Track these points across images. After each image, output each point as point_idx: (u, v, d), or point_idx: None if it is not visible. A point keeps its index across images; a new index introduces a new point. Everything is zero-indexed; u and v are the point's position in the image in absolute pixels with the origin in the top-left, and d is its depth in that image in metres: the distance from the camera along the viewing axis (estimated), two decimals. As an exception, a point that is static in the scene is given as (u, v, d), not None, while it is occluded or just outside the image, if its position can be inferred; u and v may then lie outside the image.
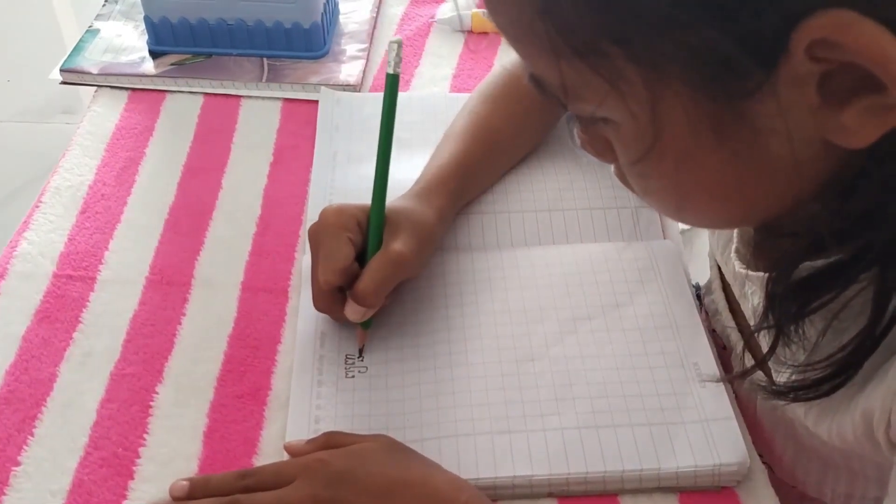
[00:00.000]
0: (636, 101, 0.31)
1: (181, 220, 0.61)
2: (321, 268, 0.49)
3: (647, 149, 0.32)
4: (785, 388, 0.39)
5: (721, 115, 0.30)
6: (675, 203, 0.36)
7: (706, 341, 0.52)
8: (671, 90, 0.30)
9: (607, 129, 0.35)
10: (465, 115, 0.61)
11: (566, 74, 0.31)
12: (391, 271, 0.50)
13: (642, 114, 0.31)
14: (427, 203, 0.55)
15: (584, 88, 0.32)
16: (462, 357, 0.51)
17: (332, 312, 0.52)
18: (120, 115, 0.69)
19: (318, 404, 0.49)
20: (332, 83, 0.71)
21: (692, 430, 0.47)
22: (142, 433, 0.49)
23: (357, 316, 0.50)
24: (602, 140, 0.36)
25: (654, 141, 0.32)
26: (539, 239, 0.59)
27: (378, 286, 0.49)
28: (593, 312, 0.54)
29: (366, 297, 0.49)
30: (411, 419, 0.48)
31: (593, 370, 0.50)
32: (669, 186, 0.35)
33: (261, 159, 0.66)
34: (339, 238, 0.49)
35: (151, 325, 0.54)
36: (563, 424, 0.48)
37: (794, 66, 0.28)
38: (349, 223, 0.50)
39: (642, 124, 0.32)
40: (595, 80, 0.31)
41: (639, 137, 0.33)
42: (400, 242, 0.50)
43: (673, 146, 0.32)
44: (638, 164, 0.34)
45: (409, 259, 0.50)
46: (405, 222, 0.52)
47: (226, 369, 0.52)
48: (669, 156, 0.33)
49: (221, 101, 0.71)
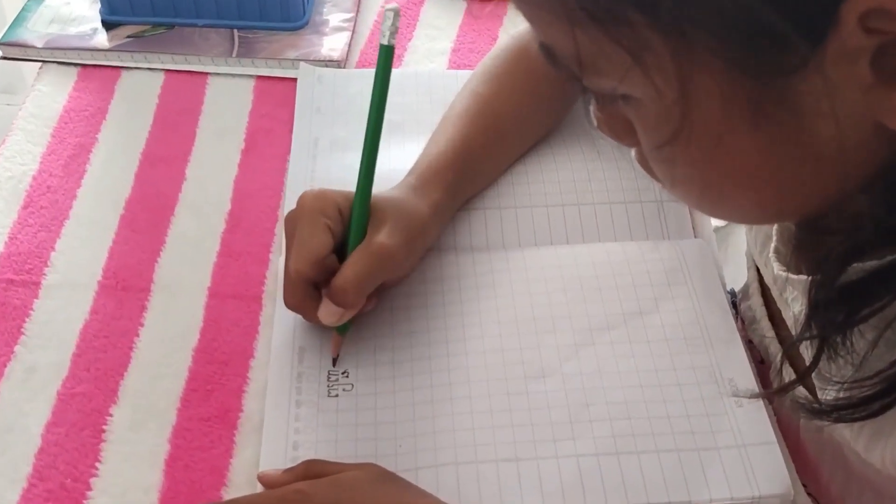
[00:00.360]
0: (662, 77, 0.31)
1: (139, 215, 0.60)
2: (294, 256, 0.49)
3: (673, 131, 0.32)
4: (828, 407, 0.38)
5: (759, 94, 0.30)
6: (705, 194, 0.36)
7: (743, 354, 0.51)
8: (702, 64, 0.30)
9: (628, 108, 0.34)
10: (465, 96, 0.60)
11: (582, 44, 0.31)
12: (373, 267, 0.49)
13: (669, 91, 0.31)
14: (421, 196, 0.54)
15: (602, 61, 0.31)
16: (462, 374, 0.50)
17: (305, 311, 0.51)
18: (68, 94, 0.68)
19: (296, 428, 0.49)
20: (313, 58, 0.70)
21: (728, 456, 0.47)
22: (93, 461, 0.48)
23: (332, 318, 0.49)
24: (622, 120, 0.36)
25: (682, 122, 0.32)
26: (551, 238, 0.58)
27: (357, 282, 0.49)
28: (613, 322, 0.53)
29: (343, 294, 0.48)
30: (404, 445, 0.48)
31: (613, 388, 0.50)
32: (697, 175, 0.35)
33: (230, 146, 0.65)
34: (316, 224, 0.49)
35: (104, 336, 0.53)
36: (578, 451, 0.47)
37: (845, 38, 0.28)
38: (329, 209, 0.50)
39: (668, 103, 0.31)
40: (615, 52, 0.30)
41: (664, 118, 0.32)
42: (385, 235, 0.50)
43: (703, 129, 0.32)
44: (663, 148, 0.34)
45: (395, 254, 0.50)
46: (393, 213, 0.51)
47: (190, 388, 0.51)
48: (699, 140, 0.32)
49: (185, 80, 0.70)
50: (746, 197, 0.35)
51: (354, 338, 0.52)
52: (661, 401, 0.49)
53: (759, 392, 0.49)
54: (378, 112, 0.50)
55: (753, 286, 0.54)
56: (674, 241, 0.57)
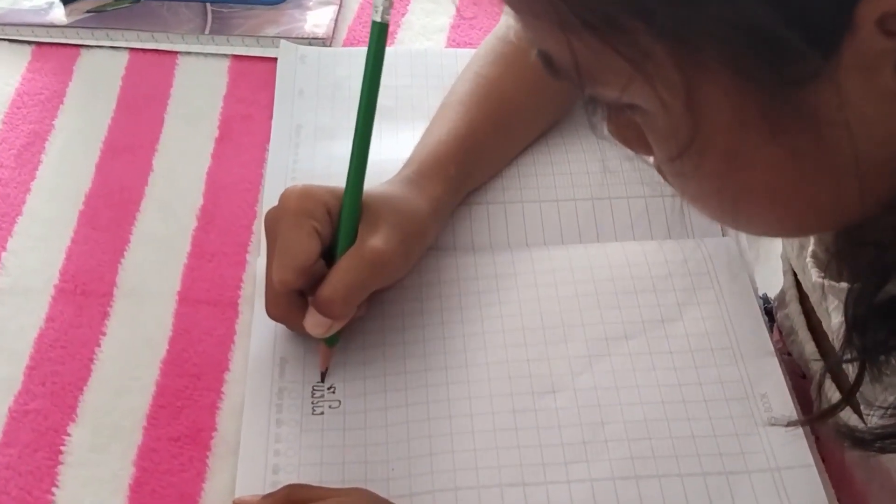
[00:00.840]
0: (667, 87, 0.32)
1: (100, 211, 0.61)
2: (277, 264, 0.50)
3: (684, 144, 0.33)
4: (871, 435, 0.39)
5: (773, 105, 0.31)
6: (722, 207, 0.37)
7: (777, 367, 0.52)
8: (709, 74, 0.31)
9: (637, 117, 0.35)
10: (468, 79, 0.61)
11: (580, 53, 0.32)
12: (365, 274, 0.50)
13: (676, 102, 0.32)
14: (418, 190, 0.55)
15: (602, 70, 0.33)
16: (463, 389, 0.51)
17: (290, 322, 0.52)
18: (21, 76, 0.69)
19: (276, 449, 0.49)
20: (295, 35, 0.71)
21: (759, 480, 0.47)
22: (49, 486, 0.49)
23: (320, 329, 0.50)
24: (633, 128, 0.37)
25: (692, 135, 0.33)
26: (561, 236, 0.59)
27: (347, 292, 0.50)
28: (632, 330, 0.54)
29: (331, 305, 0.49)
30: (397, 468, 0.49)
31: (632, 405, 0.50)
32: (713, 188, 0.36)
33: (203, 134, 0.66)
34: (302, 228, 0.49)
35: (62, 346, 0.54)
36: (593, 475, 0.48)
37: (862, 44, 0.29)
38: (316, 210, 0.50)
39: (677, 115, 0.32)
40: (615, 61, 0.31)
41: (673, 130, 0.33)
42: (379, 237, 0.50)
43: (716, 141, 0.33)
44: (675, 161, 0.35)
45: (390, 259, 0.51)
46: (387, 213, 0.52)
47: (157, 404, 0.52)
48: (712, 153, 0.34)
49: (152, 59, 0.71)
50: (765, 211, 0.36)
51: (342, 348, 0.53)
52: (686, 419, 0.50)
53: (798, 419, 0.49)
54: (370, 97, 0.51)
55: (791, 293, 0.54)
56: (699, 239, 0.58)
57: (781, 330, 0.56)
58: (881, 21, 0.28)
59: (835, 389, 0.49)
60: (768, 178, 0.34)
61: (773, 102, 0.31)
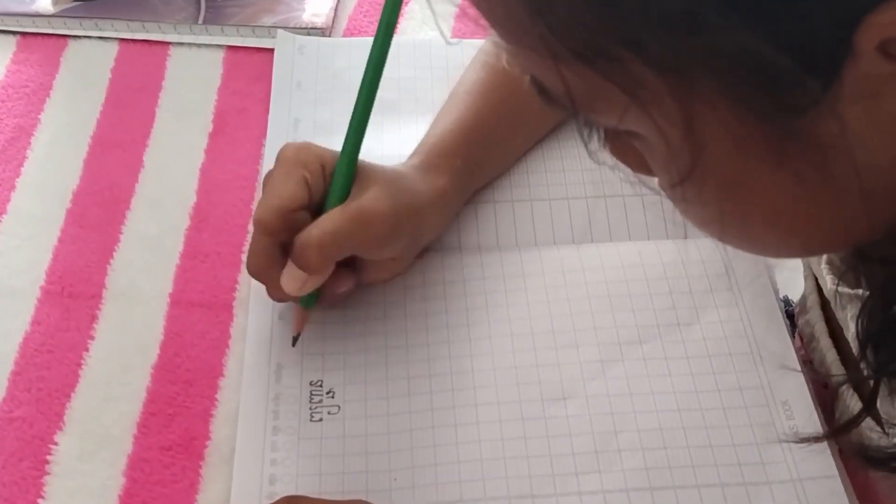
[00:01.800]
0: (664, 116, 0.32)
1: (88, 210, 0.61)
2: (260, 204, 0.50)
3: (685, 171, 0.34)
4: (884, 455, 0.39)
5: (775, 132, 0.31)
6: (727, 232, 0.38)
7: (799, 372, 0.52)
8: (706, 103, 0.31)
9: (636, 143, 0.36)
10: (477, 69, 0.61)
11: (572, 83, 0.32)
12: (346, 227, 0.50)
13: (673, 130, 0.32)
14: (424, 179, 0.55)
15: (596, 99, 0.33)
16: (469, 395, 0.51)
17: (267, 278, 0.52)
18: (5, 68, 0.69)
19: (273, 458, 0.49)
20: (293, 25, 0.71)
21: (780, 492, 0.47)
22: (35, 497, 0.48)
23: (294, 283, 0.50)
24: (633, 151, 0.38)
25: (693, 162, 0.33)
26: (572, 236, 0.59)
27: (324, 241, 0.49)
28: (646, 335, 0.54)
29: (307, 251, 0.49)
30: (400, 479, 0.48)
31: (646, 413, 0.50)
32: (716, 214, 0.36)
33: (196, 128, 0.66)
34: (291, 175, 0.50)
35: (48, 351, 0.54)
36: (605, 486, 0.48)
37: (865, 70, 0.29)
38: (311, 162, 0.51)
39: (676, 142, 0.33)
40: (610, 90, 0.32)
41: (673, 158, 0.34)
42: (367, 196, 0.51)
43: (717, 169, 0.33)
44: (676, 187, 0.35)
45: (374, 219, 0.50)
46: (381, 179, 0.52)
47: (148, 411, 0.52)
48: (714, 180, 0.34)
49: (142, 50, 0.70)
50: (770, 234, 0.37)
51: (341, 350, 0.53)
52: (703, 427, 0.50)
53: (816, 434, 0.49)
54: (376, 68, 0.50)
55: (812, 298, 0.54)
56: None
57: (802, 337, 0.56)
58: (882, 46, 0.28)
59: (857, 400, 0.48)
60: (772, 204, 0.34)
61: (774, 130, 0.31)
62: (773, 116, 0.31)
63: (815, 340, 0.54)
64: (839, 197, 0.33)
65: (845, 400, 0.49)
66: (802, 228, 0.36)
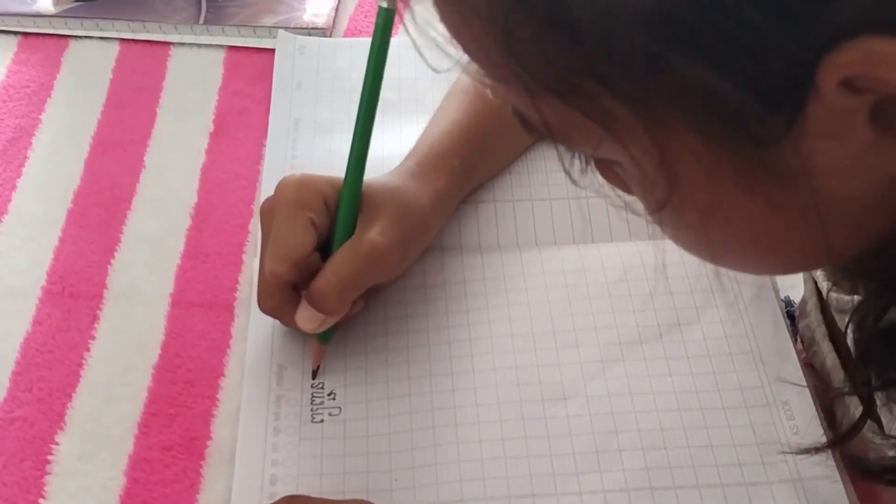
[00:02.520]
0: (637, 146, 0.32)
1: (89, 210, 0.61)
2: (270, 255, 0.50)
3: (662, 199, 0.34)
4: (878, 467, 0.39)
5: (745, 164, 0.32)
6: (711, 254, 0.38)
7: (800, 373, 0.52)
8: (677, 136, 0.31)
9: (616, 168, 0.36)
10: None
11: (547, 115, 0.33)
12: (361, 267, 0.50)
13: (648, 160, 0.33)
14: (420, 183, 0.55)
15: (572, 130, 0.34)
16: (469, 395, 0.51)
17: (282, 316, 0.52)
18: (7, 68, 0.69)
19: (274, 459, 0.49)
20: (294, 25, 0.71)
21: (781, 492, 0.47)
22: (36, 497, 0.49)
23: (312, 324, 0.50)
24: (616, 175, 0.38)
25: (670, 190, 0.34)
26: (573, 236, 0.59)
27: (342, 286, 0.49)
28: (647, 335, 0.54)
29: (324, 298, 0.49)
30: (401, 479, 0.48)
31: (647, 412, 0.50)
32: (697, 239, 0.37)
33: (197, 128, 0.66)
34: (297, 218, 0.50)
35: (49, 351, 0.54)
36: (606, 486, 0.48)
37: (830, 104, 0.29)
38: (313, 200, 0.50)
39: (651, 171, 0.33)
40: (584, 122, 0.32)
41: (651, 185, 0.34)
42: (377, 230, 0.50)
43: (693, 198, 0.34)
44: (657, 213, 0.36)
45: (387, 253, 0.51)
46: (388, 205, 0.52)
47: (149, 411, 0.52)
48: (690, 208, 0.34)
49: (143, 51, 0.71)
50: (752, 257, 0.37)
51: (342, 352, 0.53)
52: (703, 427, 0.50)
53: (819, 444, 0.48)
54: (373, 88, 0.51)
55: (811, 302, 0.54)
56: (718, 239, 0.58)
57: (803, 340, 0.56)
58: (844, 83, 0.28)
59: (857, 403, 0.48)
60: (750, 230, 0.35)
61: (744, 161, 0.31)
62: (741, 148, 0.31)
63: (815, 344, 0.53)
64: (818, 222, 0.33)
65: (846, 402, 0.49)
66: (784, 252, 0.36)
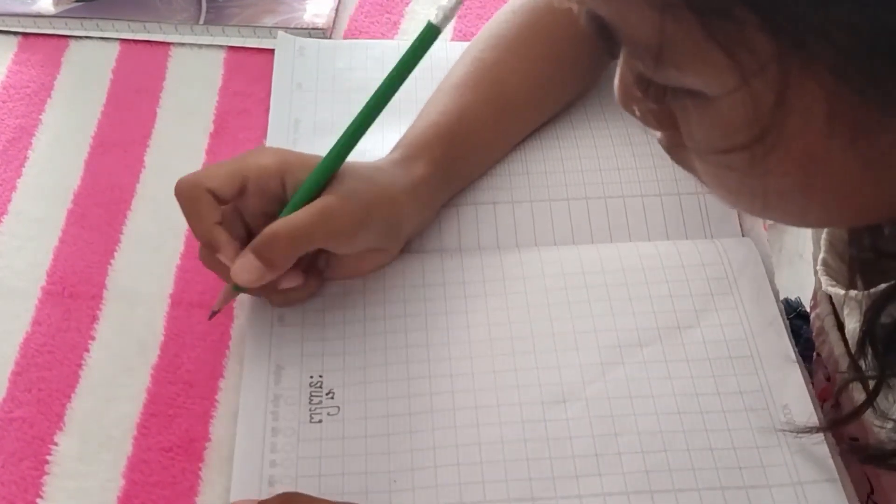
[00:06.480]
0: (760, 81, 0.31)
1: (89, 210, 0.61)
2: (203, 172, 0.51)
3: (752, 139, 0.33)
4: (878, 451, 0.39)
5: (869, 115, 0.31)
6: (762, 201, 0.37)
7: (800, 376, 0.52)
8: (813, 77, 0.31)
9: (688, 103, 0.35)
10: (465, 63, 0.61)
11: (669, 33, 0.31)
12: (312, 221, 0.50)
13: (765, 97, 0.32)
14: (399, 170, 0.55)
15: (686, 55, 0.32)
16: (468, 397, 0.51)
17: (220, 271, 0.52)
18: (7, 68, 0.69)
19: (272, 459, 0.49)
20: (294, 26, 0.71)
21: (781, 495, 0.47)
22: (34, 498, 0.49)
23: (249, 275, 0.49)
24: (669, 114, 0.37)
25: (770, 130, 0.33)
26: (572, 236, 0.59)
27: (292, 234, 0.49)
28: (647, 337, 0.54)
29: (272, 243, 0.49)
30: (400, 481, 0.48)
31: (647, 415, 0.50)
32: (759, 184, 0.36)
33: (196, 129, 0.66)
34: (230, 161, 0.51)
35: (49, 352, 0.54)
36: (605, 489, 0.48)
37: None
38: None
39: (761, 109, 0.32)
40: (708, 48, 0.31)
41: (744, 124, 0.33)
42: (334, 195, 0.51)
43: (793, 141, 0.33)
44: (729, 154, 0.34)
45: (340, 214, 0.50)
46: (354, 179, 0.52)
47: (148, 412, 0.52)
48: (784, 151, 0.33)
49: (144, 51, 0.71)
50: (821, 208, 0.37)
51: (340, 351, 0.53)
52: (703, 430, 0.50)
53: (813, 426, 0.49)
54: (388, 90, 0.50)
55: (822, 292, 0.54)
56: (717, 239, 0.58)
57: (813, 330, 0.56)
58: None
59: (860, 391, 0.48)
60: (836, 181, 0.34)
61: (870, 113, 0.31)
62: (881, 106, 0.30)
63: (824, 333, 0.54)
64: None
65: (850, 391, 0.49)
66: (851, 205, 0.36)
